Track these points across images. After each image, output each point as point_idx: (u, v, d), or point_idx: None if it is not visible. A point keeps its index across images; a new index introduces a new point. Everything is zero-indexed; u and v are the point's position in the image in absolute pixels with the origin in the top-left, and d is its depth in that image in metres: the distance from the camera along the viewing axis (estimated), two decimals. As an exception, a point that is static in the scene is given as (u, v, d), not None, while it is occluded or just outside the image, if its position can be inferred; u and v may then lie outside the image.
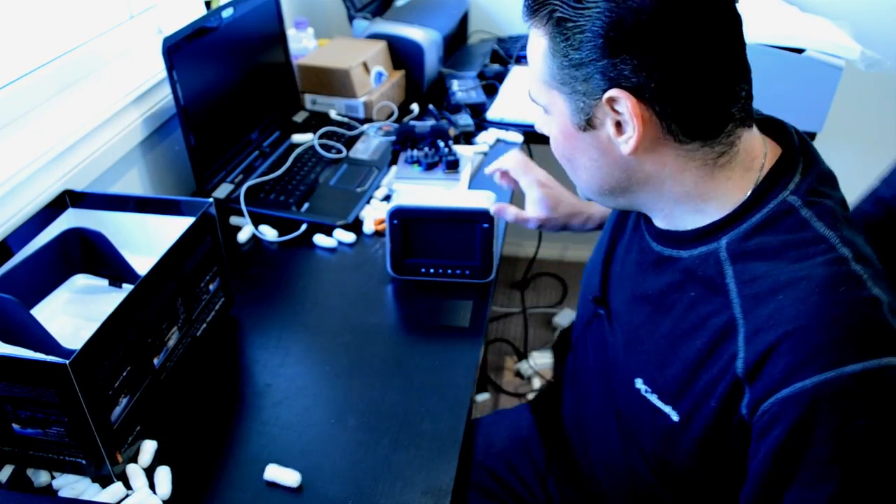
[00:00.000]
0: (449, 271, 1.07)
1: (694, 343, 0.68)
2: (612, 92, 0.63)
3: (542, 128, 0.77)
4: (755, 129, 0.70)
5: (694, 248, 0.70)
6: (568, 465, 0.98)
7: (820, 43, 1.51)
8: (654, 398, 0.73)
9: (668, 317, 0.72)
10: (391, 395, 0.90)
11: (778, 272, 0.63)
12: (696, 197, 0.70)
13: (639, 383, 0.75)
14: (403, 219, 1.04)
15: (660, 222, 0.75)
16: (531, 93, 0.73)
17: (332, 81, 1.56)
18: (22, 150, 1.00)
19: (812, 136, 1.61)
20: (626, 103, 0.63)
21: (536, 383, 1.97)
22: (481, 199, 1.05)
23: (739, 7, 0.67)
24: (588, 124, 0.67)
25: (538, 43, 0.68)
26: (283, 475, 0.78)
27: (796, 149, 0.70)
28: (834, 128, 1.68)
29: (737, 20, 0.65)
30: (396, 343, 1.00)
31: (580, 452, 0.94)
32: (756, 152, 0.69)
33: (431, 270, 1.07)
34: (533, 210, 1.06)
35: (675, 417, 0.71)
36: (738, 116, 0.66)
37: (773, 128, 0.73)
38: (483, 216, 1.03)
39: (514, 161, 1.09)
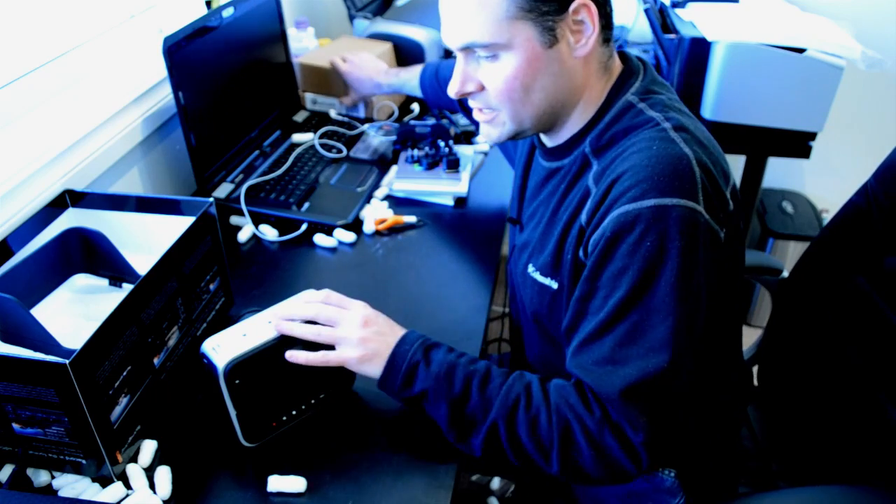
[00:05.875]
0: (312, 401, 0.86)
1: (562, 220, 0.85)
2: (581, 1, 0.78)
3: (487, 77, 0.83)
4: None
5: (570, 154, 0.88)
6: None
7: (821, 43, 1.51)
8: (538, 276, 0.90)
9: (548, 211, 0.90)
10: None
11: (621, 149, 0.80)
12: (588, 98, 0.85)
13: (530, 269, 0.91)
14: (245, 372, 0.79)
15: (549, 139, 0.91)
16: (480, 40, 0.80)
17: (332, 81, 1.56)
18: (22, 150, 1.00)
19: (812, 135, 1.61)
20: (588, 9, 0.79)
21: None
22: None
23: (740, 7, 0.71)
24: (554, 40, 0.79)
25: None
26: (287, 484, 0.78)
27: (636, 64, 0.88)
28: (834, 128, 1.68)
29: None
30: (397, 343, 1.00)
31: (524, 353, 1.08)
32: (616, 62, 0.87)
33: (294, 412, 0.85)
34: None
35: (554, 286, 0.87)
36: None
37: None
38: None
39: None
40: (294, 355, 0.80)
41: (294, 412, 0.85)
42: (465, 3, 0.79)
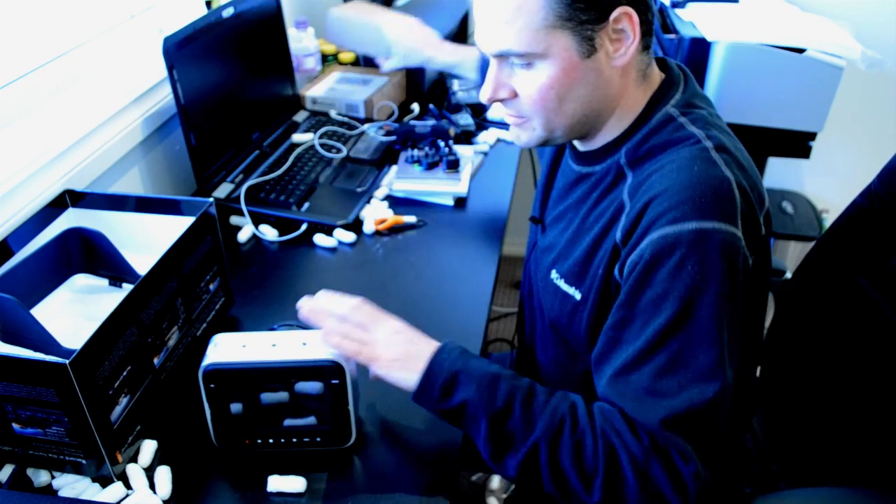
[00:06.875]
0: (294, 440, 0.82)
1: (593, 230, 0.83)
2: (622, 9, 0.75)
3: (521, 85, 0.80)
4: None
5: (603, 162, 0.85)
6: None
7: (821, 43, 1.51)
8: (561, 283, 0.88)
9: (577, 217, 0.88)
10: (391, 395, 0.90)
11: (659, 164, 0.78)
12: (625, 106, 0.82)
13: (553, 274, 0.89)
14: (223, 381, 0.78)
15: (582, 144, 0.89)
16: (515, 48, 0.77)
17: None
18: (22, 150, 1.00)
19: (812, 135, 1.61)
20: (630, 17, 0.76)
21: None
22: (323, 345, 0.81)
23: (740, 7, 0.70)
24: (592, 50, 0.77)
25: None
26: (287, 484, 0.78)
27: (677, 73, 0.85)
28: (834, 128, 1.68)
29: None
30: (397, 343, 1.00)
31: (535, 363, 1.06)
32: (656, 71, 0.85)
33: (271, 441, 0.82)
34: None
35: (577, 296, 0.85)
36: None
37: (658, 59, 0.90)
38: (330, 371, 0.79)
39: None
40: (329, 334, 0.78)
41: (271, 440, 0.82)
42: (502, 10, 0.76)
